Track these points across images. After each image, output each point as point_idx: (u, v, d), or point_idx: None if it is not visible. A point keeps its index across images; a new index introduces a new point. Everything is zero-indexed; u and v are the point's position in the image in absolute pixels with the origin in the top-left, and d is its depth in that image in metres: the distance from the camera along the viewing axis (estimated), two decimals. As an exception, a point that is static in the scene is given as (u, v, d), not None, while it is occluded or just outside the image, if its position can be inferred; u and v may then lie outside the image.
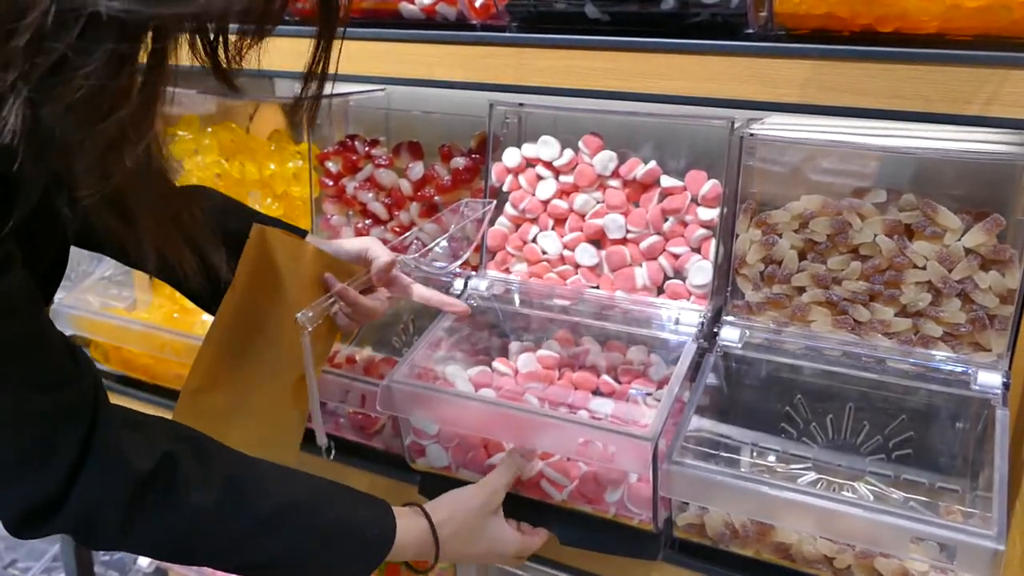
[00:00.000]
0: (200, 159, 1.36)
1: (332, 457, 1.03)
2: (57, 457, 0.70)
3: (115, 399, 1.48)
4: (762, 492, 0.85)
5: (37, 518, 0.71)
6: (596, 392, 1.13)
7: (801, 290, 1.03)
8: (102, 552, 1.86)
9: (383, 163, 1.28)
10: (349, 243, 1.07)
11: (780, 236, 1.03)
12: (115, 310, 1.39)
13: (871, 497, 0.98)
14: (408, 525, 0.90)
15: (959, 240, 0.95)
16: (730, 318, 1.06)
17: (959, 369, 0.95)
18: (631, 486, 0.94)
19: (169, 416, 0.98)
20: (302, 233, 1.08)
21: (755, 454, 1.09)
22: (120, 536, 0.75)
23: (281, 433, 1.07)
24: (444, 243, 1.16)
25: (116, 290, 1.47)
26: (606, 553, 1.01)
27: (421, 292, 1.09)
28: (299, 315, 0.96)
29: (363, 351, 1.28)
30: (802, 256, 1.02)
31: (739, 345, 1.04)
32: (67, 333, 1.69)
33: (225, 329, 1.00)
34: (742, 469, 1.01)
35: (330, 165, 1.32)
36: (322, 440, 1.02)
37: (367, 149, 1.30)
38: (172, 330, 1.28)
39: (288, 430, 1.08)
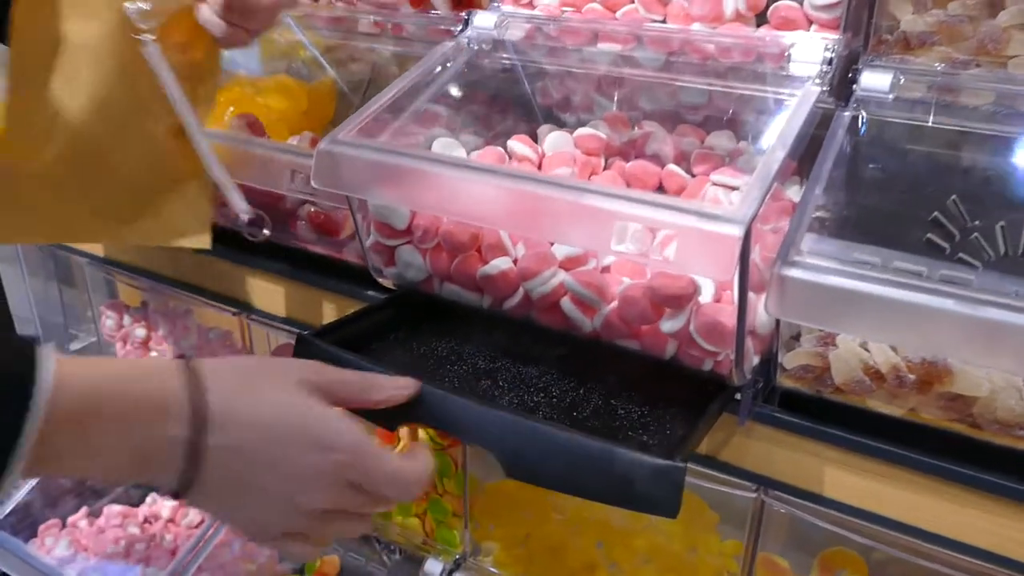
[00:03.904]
0: None
1: (266, 236, 0.71)
2: None
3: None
4: (942, 308, 0.49)
5: None
6: (659, 189, 0.77)
7: (995, 7, 0.63)
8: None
9: None
10: None
11: (968, -81, 0.62)
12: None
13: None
14: (114, 367, 0.48)
15: None
16: (874, 58, 0.67)
17: None
18: (702, 309, 0.59)
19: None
20: None
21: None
22: None
23: (164, 209, 0.74)
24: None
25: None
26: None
27: None
28: (128, 6, 0.62)
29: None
30: (1002, -49, 0.62)
31: (889, 96, 0.65)
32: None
33: (30, 60, 0.66)
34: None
35: None
36: (241, 206, 0.69)
37: None
38: None
39: (180, 205, 0.75)
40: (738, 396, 0.63)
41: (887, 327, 0.52)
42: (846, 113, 0.65)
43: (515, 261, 0.65)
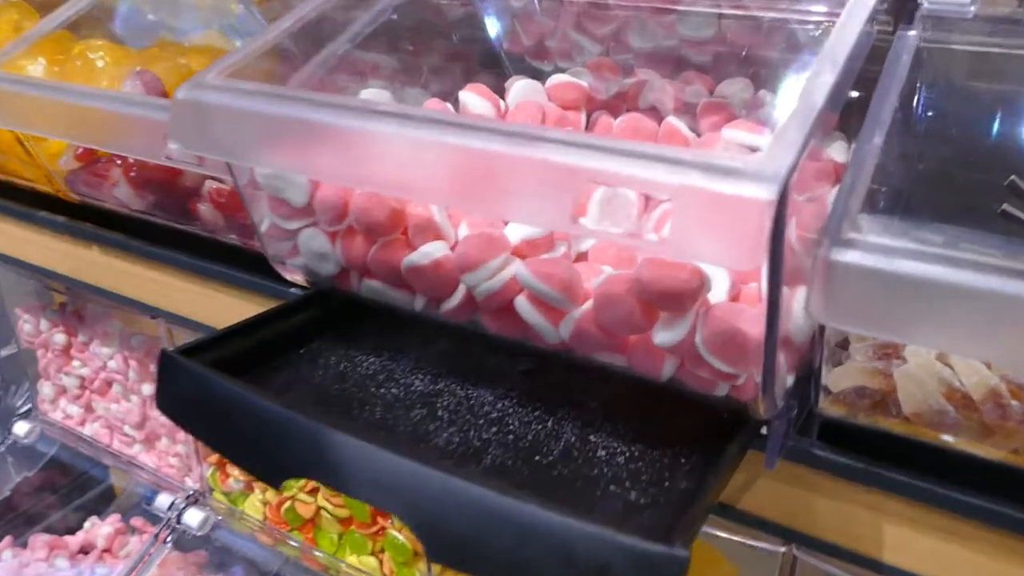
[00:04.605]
0: None
1: None
2: None
3: None
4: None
5: None
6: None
7: None
8: None
9: None
10: None
11: None
12: None
13: None
14: None
15: None
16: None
17: None
18: (712, 312, 0.41)
19: None
20: None
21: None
22: None
23: None
24: None
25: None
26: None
27: None
28: None
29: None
30: None
31: (970, 9, 0.47)
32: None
33: None
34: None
35: None
36: None
37: None
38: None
39: None
40: (765, 430, 0.46)
41: (994, 337, 0.34)
42: (911, 32, 0.47)
43: (454, 247, 0.48)
